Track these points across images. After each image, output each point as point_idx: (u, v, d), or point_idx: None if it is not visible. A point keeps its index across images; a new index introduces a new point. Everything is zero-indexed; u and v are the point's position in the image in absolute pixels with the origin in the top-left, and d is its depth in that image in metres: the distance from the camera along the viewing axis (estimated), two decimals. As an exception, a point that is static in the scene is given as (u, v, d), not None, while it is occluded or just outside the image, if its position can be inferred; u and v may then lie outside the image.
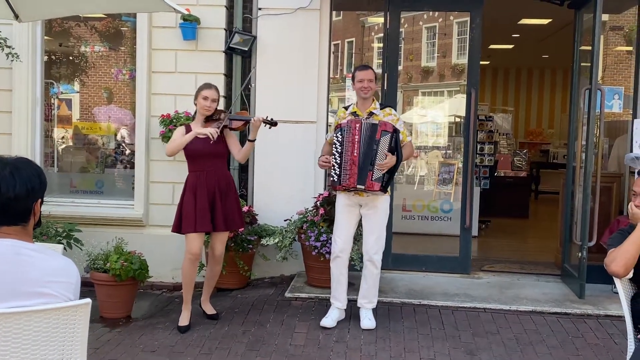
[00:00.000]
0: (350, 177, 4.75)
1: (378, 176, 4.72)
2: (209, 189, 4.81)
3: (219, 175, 4.88)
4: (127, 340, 4.69)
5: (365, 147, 4.74)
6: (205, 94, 4.86)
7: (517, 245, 8.29)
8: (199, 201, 4.79)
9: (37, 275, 2.15)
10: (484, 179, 9.64)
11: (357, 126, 4.77)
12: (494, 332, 4.89)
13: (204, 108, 4.85)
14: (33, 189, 2.21)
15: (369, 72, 4.90)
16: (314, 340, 4.66)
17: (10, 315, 2.08)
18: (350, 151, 4.76)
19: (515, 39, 12.07)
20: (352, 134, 4.77)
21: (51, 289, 2.16)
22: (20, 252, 2.16)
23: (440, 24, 17.13)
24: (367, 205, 4.88)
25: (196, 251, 4.84)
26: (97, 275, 5.18)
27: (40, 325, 2.14)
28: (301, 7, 6.11)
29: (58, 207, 6.12)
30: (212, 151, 4.83)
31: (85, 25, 6.78)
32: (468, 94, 6.19)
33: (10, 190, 2.15)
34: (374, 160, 4.71)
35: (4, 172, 2.16)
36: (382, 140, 4.72)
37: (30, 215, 2.24)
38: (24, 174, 2.19)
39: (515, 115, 15.97)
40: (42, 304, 2.13)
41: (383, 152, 4.71)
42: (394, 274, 6.12)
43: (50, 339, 2.18)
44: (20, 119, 6.31)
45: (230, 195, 4.92)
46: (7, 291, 2.10)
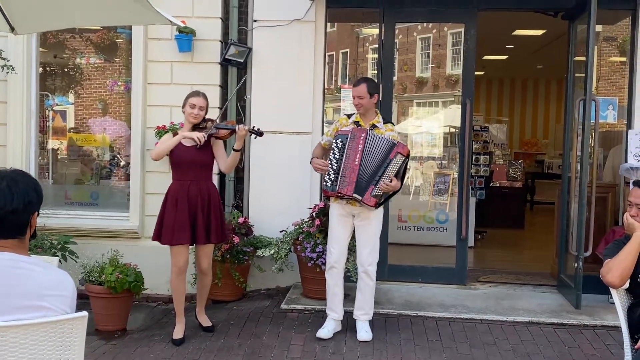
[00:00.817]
0: (348, 185, 4.73)
1: (377, 194, 4.72)
2: (190, 201, 4.75)
3: (202, 186, 4.81)
4: (122, 353, 4.66)
5: (371, 160, 4.72)
6: (192, 101, 4.83)
7: (513, 255, 8.30)
8: (179, 213, 4.74)
9: (34, 288, 2.15)
10: (480, 189, 9.65)
11: (362, 135, 4.76)
12: (490, 343, 4.88)
13: (191, 115, 4.82)
14: (30, 202, 2.21)
15: (358, 89, 4.85)
16: (310, 352, 4.64)
17: (7, 329, 2.08)
18: (352, 159, 4.74)
19: (510, 49, 12.12)
20: (355, 143, 4.75)
21: (48, 302, 2.15)
22: (17, 265, 2.15)
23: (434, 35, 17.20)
24: (359, 217, 4.87)
25: (181, 264, 4.81)
26: (92, 287, 5.15)
27: (37, 339, 2.13)
28: (296, 19, 6.14)
29: (53, 219, 6.09)
30: (197, 160, 4.79)
31: (80, 37, 6.79)
32: (463, 105, 6.21)
33: (7, 204, 2.15)
34: (380, 177, 4.69)
35: (1, 186, 2.16)
36: (393, 161, 4.70)
37: (27, 228, 2.23)
38: (21, 187, 2.19)
39: (510, 125, 16.02)
40: (39, 317, 2.13)
41: (391, 173, 4.71)
42: (391, 285, 6.11)
43: (47, 352, 2.17)
44: (15, 131, 6.29)
45: (212, 206, 4.85)
46: (4, 304, 2.10)
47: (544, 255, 7.49)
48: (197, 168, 4.81)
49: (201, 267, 4.97)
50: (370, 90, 4.87)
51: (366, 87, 4.86)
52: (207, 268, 4.99)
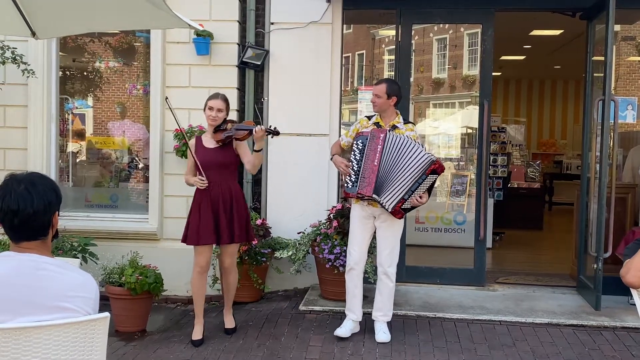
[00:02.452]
0: (367, 186, 4.74)
1: (406, 207, 4.77)
2: (213, 201, 4.81)
3: (225, 187, 4.86)
4: (142, 354, 4.70)
5: (390, 161, 4.71)
6: (210, 104, 4.88)
7: (532, 257, 8.25)
8: (202, 213, 4.81)
9: (58, 289, 2.18)
10: (498, 190, 9.60)
11: (381, 136, 4.76)
12: (509, 344, 4.86)
13: (209, 118, 4.88)
14: (50, 203, 2.23)
15: (376, 87, 4.91)
16: (328, 353, 4.65)
17: (32, 330, 2.10)
18: (371, 160, 4.74)
19: (527, 50, 12.05)
20: (375, 143, 4.75)
21: (71, 303, 2.18)
22: (41, 266, 2.19)
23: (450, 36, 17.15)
24: (380, 218, 4.87)
25: (203, 264, 4.87)
26: (112, 289, 5.20)
27: (60, 339, 2.16)
28: (313, 21, 6.16)
29: (73, 221, 6.16)
30: (220, 161, 4.85)
31: (99, 41, 6.85)
32: (481, 106, 6.20)
33: (28, 206, 2.17)
34: (413, 191, 4.70)
35: (20, 189, 2.19)
36: (429, 178, 4.71)
37: (49, 229, 2.26)
38: (40, 189, 2.22)
39: (528, 126, 15.92)
40: (62, 319, 2.15)
41: (424, 188, 4.73)
42: (409, 287, 6.10)
43: (70, 352, 2.19)
44: (36, 134, 6.37)
45: (237, 207, 4.89)
46: (28, 305, 2.13)
47: (562, 257, 7.44)
48: (220, 169, 4.86)
49: (224, 265, 5.02)
50: (389, 91, 4.87)
51: (386, 87, 4.88)
52: (230, 266, 5.03)
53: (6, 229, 2.22)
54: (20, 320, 2.11)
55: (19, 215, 2.17)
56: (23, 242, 2.22)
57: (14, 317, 2.11)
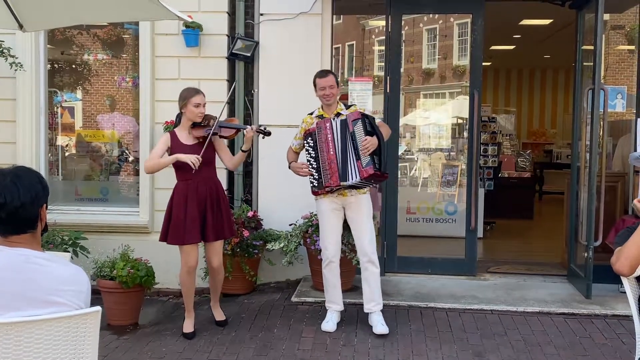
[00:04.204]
0: (332, 177, 4.69)
1: (367, 161, 4.63)
2: (199, 198, 4.74)
3: (209, 183, 4.80)
4: (135, 347, 4.70)
5: (341, 144, 4.68)
6: (197, 100, 4.73)
7: (523, 246, 8.29)
8: (189, 211, 4.71)
9: (48, 283, 2.17)
10: (488, 180, 9.63)
11: (327, 125, 4.73)
12: (501, 333, 4.89)
13: (198, 116, 4.75)
14: (37, 195, 2.22)
15: (329, 79, 4.85)
16: (321, 344, 4.66)
17: (23, 324, 2.10)
18: (326, 151, 4.71)
19: (517, 39, 12.06)
20: (324, 134, 4.72)
21: (62, 297, 2.17)
22: (31, 260, 2.17)
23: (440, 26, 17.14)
24: (350, 207, 4.85)
25: (192, 263, 4.83)
26: (104, 282, 5.19)
27: (52, 334, 2.15)
28: (303, 12, 6.14)
29: (63, 215, 6.13)
30: (203, 159, 4.69)
31: (87, 33, 6.80)
32: (471, 96, 6.20)
33: (15, 199, 2.16)
34: (357, 149, 4.63)
35: (6, 182, 2.18)
36: (355, 130, 4.66)
37: (37, 222, 2.25)
38: (26, 182, 2.20)
39: (518, 115, 15.97)
40: (54, 313, 2.14)
41: (361, 138, 4.64)
42: (400, 277, 6.12)
43: (62, 347, 2.19)
44: (25, 127, 6.33)
45: (220, 203, 4.85)
46: (19, 300, 2.12)
47: (553, 245, 7.47)
48: (202, 166, 4.70)
49: (212, 265, 4.97)
50: (337, 80, 4.89)
51: (334, 77, 4.88)
52: (219, 266, 4.98)
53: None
54: (11, 314, 2.10)
55: (6, 208, 2.15)
56: (12, 236, 2.21)
57: (5, 311, 2.10)
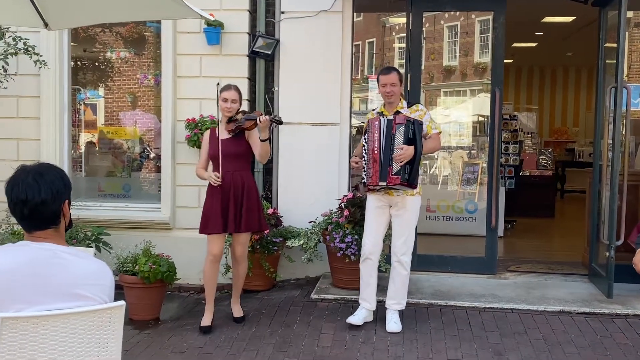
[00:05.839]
0: (373, 176, 4.76)
1: (397, 169, 4.66)
2: (224, 191, 4.87)
3: (237, 176, 4.92)
4: (156, 342, 4.75)
5: (385, 145, 4.73)
6: (224, 95, 4.93)
7: (544, 245, 8.23)
8: (214, 203, 4.89)
9: (74, 278, 2.21)
10: (509, 178, 9.58)
11: (375, 124, 4.78)
12: (521, 332, 4.87)
13: (224, 110, 4.93)
14: (58, 192, 2.26)
15: (391, 76, 4.87)
16: (340, 341, 4.68)
17: (48, 318, 2.13)
18: (371, 150, 4.77)
19: (539, 37, 11.96)
20: (372, 133, 4.78)
21: (87, 291, 2.21)
22: (56, 255, 2.22)
23: (461, 23, 17.05)
24: (396, 206, 4.88)
25: (216, 252, 4.92)
26: (126, 277, 5.25)
27: (77, 327, 2.19)
28: (323, 10, 6.15)
29: (86, 211, 6.21)
30: (232, 152, 4.90)
31: (110, 31, 6.88)
32: (492, 93, 6.17)
33: (36, 196, 2.21)
34: (392, 154, 4.68)
35: (28, 180, 2.22)
36: (397, 134, 4.69)
37: (60, 218, 2.29)
38: (47, 179, 2.25)
39: (540, 114, 15.83)
40: (79, 307, 2.18)
41: (399, 144, 4.68)
42: (420, 275, 6.11)
43: (87, 340, 2.22)
44: (49, 124, 6.41)
45: (247, 196, 4.94)
46: (45, 294, 2.16)
47: (574, 244, 7.42)
48: (232, 159, 4.91)
49: (235, 254, 5.07)
50: (400, 78, 4.92)
51: (397, 75, 4.90)
52: (241, 256, 5.07)
53: (18, 219, 2.26)
54: (37, 308, 2.14)
55: (28, 204, 2.20)
56: (36, 232, 2.25)
57: (31, 305, 2.14)
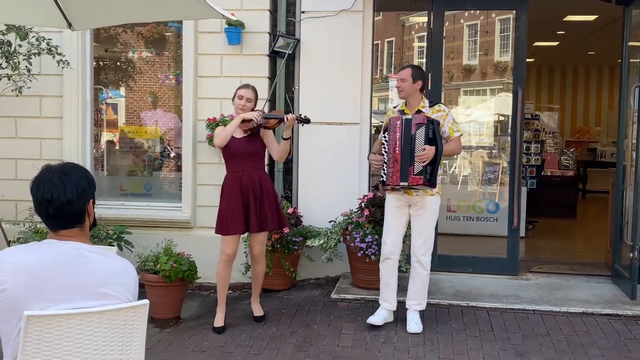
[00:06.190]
0: (393, 175, 4.74)
1: (419, 170, 4.66)
2: (243, 190, 4.87)
3: (254, 175, 4.93)
4: (177, 340, 4.78)
5: (405, 144, 4.72)
6: (240, 93, 4.97)
7: (566, 245, 8.15)
8: (232, 203, 4.87)
9: (99, 276, 2.22)
10: (531, 178, 9.49)
11: (397, 123, 4.76)
12: (543, 334, 4.83)
13: (238, 106, 4.95)
14: (83, 191, 2.28)
15: (402, 72, 4.88)
16: (361, 341, 4.67)
17: (73, 316, 2.15)
18: (392, 149, 4.76)
19: (561, 35, 11.84)
20: (394, 132, 4.77)
21: (112, 289, 2.23)
22: (82, 254, 2.24)
23: (481, 22, 16.93)
24: (416, 206, 4.85)
25: (230, 252, 4.93)
26: (147, 276, 5.28)
27: (102, 325, 2.20)
28: (344, 9, 6.14)
29: (108, 209, 6.25)
30: (248, 150, 4.92)
31: (131, 31, 6.92)
32: (514, 93, 6.12)
33: (61, 195, 2.23)
34: (413, 154, 4.67)
35: (53, 179, 2.24)
36: (417, 134, 4.67)
37: (84, 217, 2.31)
38: (72, 178, 2.27)
39: (561, 113, 15.66)
40: (104, 305, 2.20)
41: (420, 145, 4.67)
42: (440, 275, 6.08)
43: (111, 338, 2.24)
44: (71, 124, 6.46)
45: (266, 195, 4.95)
46: (70, 292, 2.17)
47: (597, 245, 7.34)
48: (249, 158, 4.93)
49: (253, 253, 5.07)
50: (414, 75, 4.84)
51: (411, 70, 4.86)
52: (259, 255, 5.07)
53: (43, 218, 2.28)
54: (62, 307, 2.15)
55: (53, 204, 2.22)
56: (61, 230, 2.28)
57: (56, 303, 2.15)
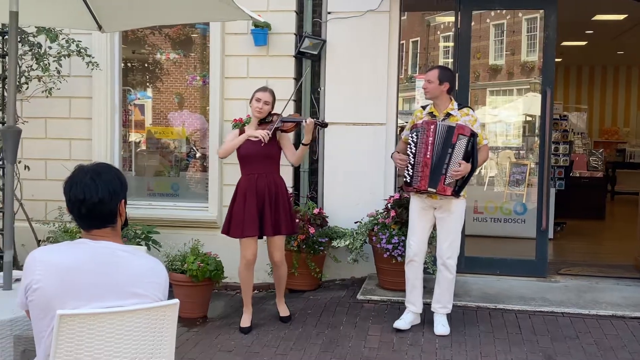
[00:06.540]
0: (421, 180, 4.70)
1: (450, 182, 4.66)
2: (258, 193, 4.85)
3: (270, 179, 4.90)
4: (204, 340, 4.80)
5: (440, 150, 4.67)
6: (258, 96, 4.93)
7: (594, 247, 8.05)
8: (248, 206, 4.85)
9: (131, 276, 2.25)
10: (559, 179, 9.39)
11: (431, 127, 4.71)
12: (572, 337, 4.77)
13: (255, 109, 4.92)
14: (115, 192, 2.31)
15: (429, 73, 4.85)
16: (387, 343, 4.65)
17: (105, 315, 2.17)
18: (423, 153, 4.71)
19: (589, 35, 11.71)
20: (426, 135, 4.71)
21: (143, 289, 2.25)
22: (115, 253, 2.26)
23: (508, 21, 16.78)
24: (441, 209, 4.82)
25: (250, 257, 4.92)
26: (175, 275, 5.30)
27: (133, 325, 2.22)
28: (370, 10, 6.12)
29: (136, 209, 6.30)
30: (264, 153, 4.87)
31: (159, 33, 6.98)
32: (543, 93, 6.05)
33: (94, 195, 2.26)
34: (448, 165, 4.63)
35: (86, 180, 2.27)
36: (457, 145, 4.62)
37: (116, 217, 2.34)
38: (105, 178, 2.30)
39: (590, 113, 15.48)
40: (135, 304, 2.22)
41: (458, 157, 4.62)
42: (467, 277, 6.03)
43: (142, 337, 2.25)
44: (100, 125, 6.53)
45: (281, 199, 4.93)
46: (103, 291, 2.20)
47: (626, 247, 7.23)
48: (264, 161, 4.90)
49: (274, 260, 5.05)
50: (441, 76, 4.79)
51: (438, 72, 4.81)
52: (280, 260, 5.05)
53: (75, 218, 2.31)
54: (94, 305, 2.18)
55: (86, 204, 2.25)
56: (93, 230, 2.31)
57: (88, 302, 2.18)
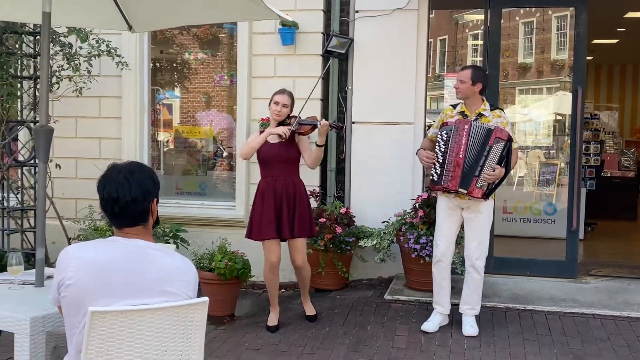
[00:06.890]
0: (452, 179, 4.65)
1: (482, 184, 4.61)
2: (276, 196, 4.85)
3: (288, 181, 4.90)
4: (232, 338, 4.83)
5: (474, 151, 4.60)
6: (276, 99, 4.93)
7: (626, 248, 7.91)
8: (265, 208, 4.85)
9: (161, 273, 2.27)
10: (590, 179, 9.25)
11: (465, 127, 4.64)
12: (604, 338, 4.69)
13: (273, 112, 4.92)
14: (148, 191, 2.33)
15: (462, 73, 4.79)
16: (415, 343, 4.63)
17: (136, 313, 2.19)
18: (455, 152, 4.65)
19: (621, 33, 11.51)
20: (459, 135, 4.65)
21: (174, 287, 2.27)
22: (146, 252, 2.29)
23: (537, 19, 16.59)
24: (468, 209, 4.76)
25: (274, 260, 4.91)
26: (203, 274, 5.32)
27: (163, 322, 2.24)
28: (398, 8, 6.08)
29: (164, 208, 6.33)
30: (283, 156, 4.88)
31: (187, 32, 7.03)
32: (574, 92, 5.96)
33: (127, 194, 2.28)
34: (482, 167, 4.57)
35: (119, 178, 2.30)
36: (493, 148, 4.56)
37: (148, 215, 2.36)
38: (138, 177, 2.32)
39: (621, 113, 15.21)
40: (166, 302, 2.23)
41: (493, 161, 4.56)
42: (497, 278, 5.96)
43: (172, 335, 2.27)
44: (129, 124, 6.61)
45: (300, 202, 4.92)
46: (134, 289, 2.22)
47: (659, 249, 7.11)
48: (283, 164, 4.90)
49: (296, 264, 5.04)
50: (474, 77, 4.73)
51: (471, 72, 4.75)
52: (302, 264, 5.02)
53: (108, 216, 2.35)
54: (125, 302, 2.20)
55: (119, 202, 2.28)
56: (126, 228, 2.33)
57: (120, 300, 2.20)
